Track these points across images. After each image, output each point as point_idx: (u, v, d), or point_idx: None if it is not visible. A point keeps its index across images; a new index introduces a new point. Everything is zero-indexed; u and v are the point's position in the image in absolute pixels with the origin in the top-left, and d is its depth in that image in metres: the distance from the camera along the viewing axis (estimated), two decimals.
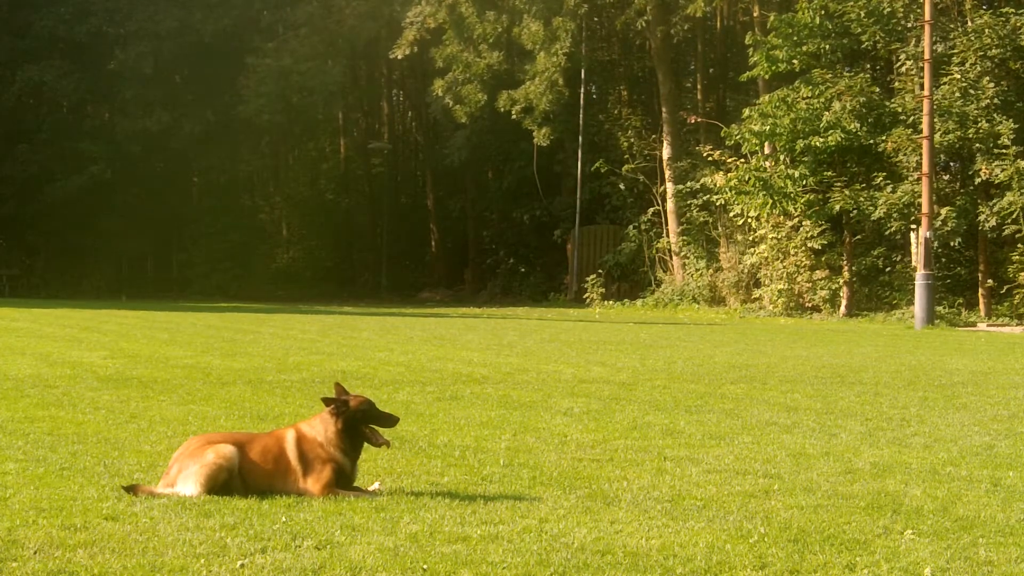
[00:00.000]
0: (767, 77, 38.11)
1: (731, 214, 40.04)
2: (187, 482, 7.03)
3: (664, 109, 45.22)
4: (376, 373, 15.51)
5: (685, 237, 43.54)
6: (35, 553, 5.76)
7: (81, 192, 52.02)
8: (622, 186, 48.13)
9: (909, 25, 35.76)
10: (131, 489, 7.12)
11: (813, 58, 36.92)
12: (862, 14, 35.84)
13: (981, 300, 34.92)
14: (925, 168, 31.96)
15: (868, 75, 37.57)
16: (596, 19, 52.84)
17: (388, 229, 57.59)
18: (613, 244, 48.21)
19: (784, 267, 37.58)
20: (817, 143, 35.22)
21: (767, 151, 37.47)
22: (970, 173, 34.60)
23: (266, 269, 57.91)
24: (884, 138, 34.81)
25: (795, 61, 36.75)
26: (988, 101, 33.59)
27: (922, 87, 33.16)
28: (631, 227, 46.70)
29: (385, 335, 24.08)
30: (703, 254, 42.58)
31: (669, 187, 44.22)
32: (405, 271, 57.80)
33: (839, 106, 35.34)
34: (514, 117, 45.33)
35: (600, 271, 46.22)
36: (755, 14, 42.61)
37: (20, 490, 7.25)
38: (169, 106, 53.25)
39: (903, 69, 36.60)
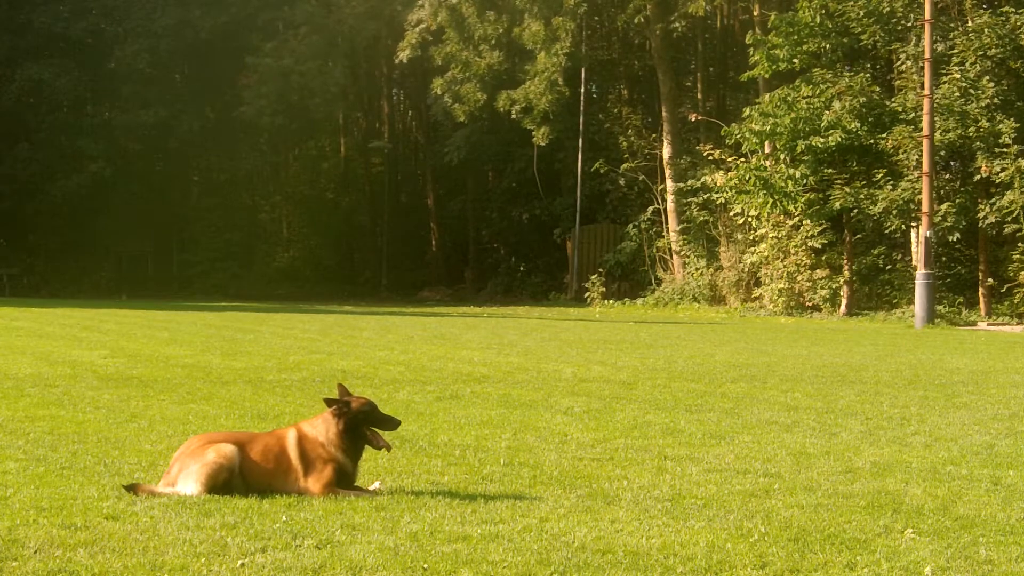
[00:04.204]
0: (767, 76, 38.11)
1: (731, 213, 40.04)
2: (188, 481, 7.03)
3: (664, 108, 45.22)
4: (376, 372, 15.51)
5: (685, 236, 43.54)
6: (35, 552, 5.76)
7: (81, 191, 52.02)
8: (622, 182, 48.09)
9: (909, 24, 35.76)
10: (132, 488, 7.12)
11: (813, 57, 36.93)
12: (862, 13, 35.85)
13: (981, 299, 34.91)
14: (925, 167, 31.96)
15: (868, 74, 37.57)
16: (596, 18, 52.85)
17: (388, 228, 57.58)
18: (613, 243, 48.21)
19: (784, 266, 37.56)
20: (818, 143, 35.23)
21: (767, 150, 37.48)
22: (970, 171, 34.62)
23: (266, 268, 57.87)
24: (885, 136, 34.84)
25: (795, 60, 36.77)
26: (988, 100, 33.60)
27: (922, 86, 33.16)
28: (631, 226, 46.70)
29: (385, 334, 24.08)
30: (703, 253, 42.58)
31: (669, 186, 44.22)
32: (405, 270, 57.79)
33: (839, 105, 35.35)
34: (514, 117, 45.34)
35: (600, 270, 46.21)
36: (755, 13, 42.62)
37: (20, 489, 7.26)
38: (168, 103, 53.28)
39: (903, 68, 36.62)
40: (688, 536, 6.26)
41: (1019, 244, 33.38)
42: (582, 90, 49.08)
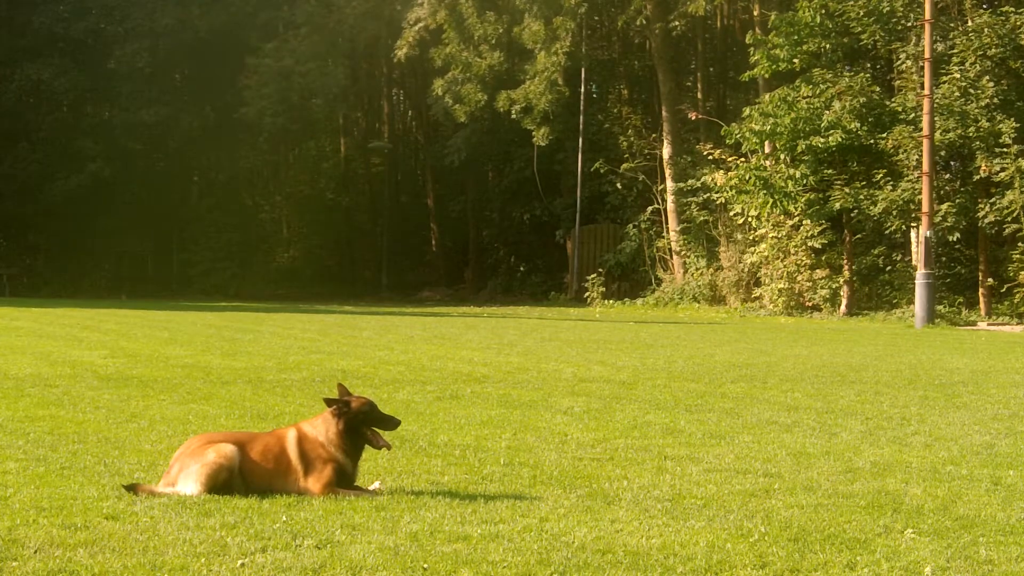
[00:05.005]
0: (767, 76, 38.11)
1: (731, 213, 40.05)
2: (188, 481, 7.03)
3: (664, 108, 45.22)
4: (376, 372, 15.51)
5: (685, 236, 43.54)
6: (35, 552, 5.76)
7: (81, 191, 52.04)
8: (619, 185, 48.10)
9: (909, 24, 35.77)
10: (132, 488, 7.12)
11: (813, 57, 36.93)
12: (862, 13, 35.86)
13: (981, 299, 34.92)
14: (925, 167, 31.97)
15: (868, 74, 37.59)
16: (596, 18, 52.85)
17: (388, 228, 57.61)
18: (613, 243, 48.21)
19: (784, 266, 37.56)
20: (818, 143, 35.23)
21: (767, 150, 37.48)
22: (970, 171, 34.64)
23: (266, 268, 57.89)
24: (885, 136, 34.85)
25: (795, 60, 36.77)
26: (988, 100, 33.61)
27: (922, 86, 33.17)
28: (631, 226, 46.70)
29: (385, 334, 24.08)
30: (703, 253, 42.58)
31: (669, 186, 44.22)
32: (405, 270, 57.82)
33: (839, 106, 35.36)
34: (514, 117, 45.35)
35: (600, 270, 46.23)
36: (755, 13, 42.62)
37: (20, 489, 7.26)
38: (168, 103, 53.32)
39: (903, 68, 36.64)
40: (688, 536, 6.26)
41: (1019, 244, 33.39)
42: (582, 90, 49.08)
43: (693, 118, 44.29)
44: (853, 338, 25.83)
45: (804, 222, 36.95)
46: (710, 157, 40.33)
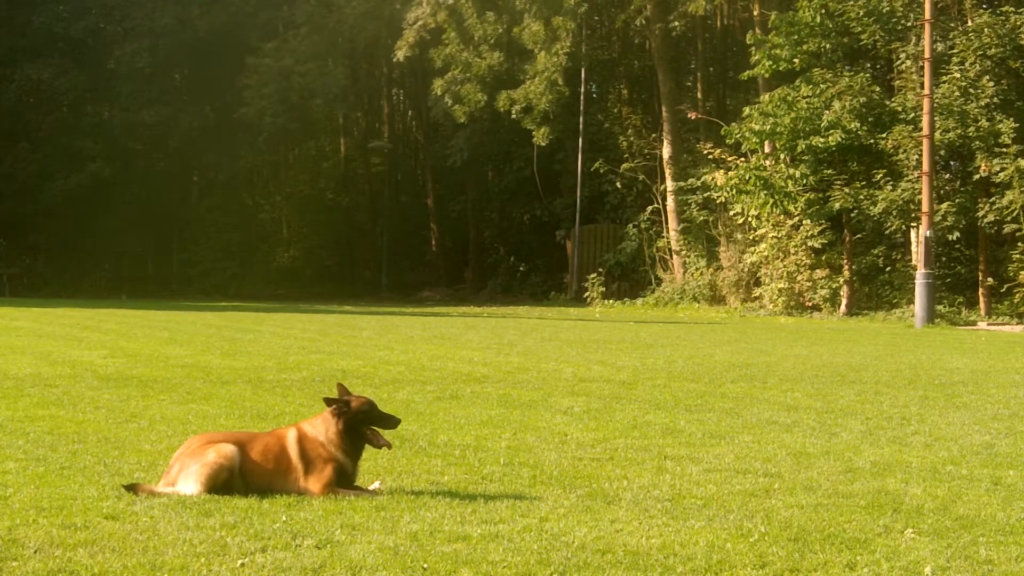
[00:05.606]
0: (767, 76, 38.12)
1: (731, 213, 40.04)
2: (188, 481, 7.03)
3: (664, 108, 45.23)
4: (376, 372, 15.51)
5: (685, 236, 43.55)
6: (35, 552, 5.76)
7: (81, 190, 52.06)
8: (619, 185, 48.11)
9: (909, 24, 35.79)
10: (132, 488, 7.12)
11: (813, 57, 36.95)
12: (862, 13, 35.88)
13: (981, 299, 34.92)
14: (925, 167, 31.97)
15: (868, 74, 37.61)
16: (596, 18, 52.86)
17: (388, 228, 57.62)
18: (613, 243, 48.22)
19: (784, 266, 37.56)
20: (818, 143, 35.24)
21: (767, 150, 37.49)
22: (970, 170, 34.66)
23: (266, 268, 57.90)
24: (884, 136, 34.87)
25: (796, 60, 36.78)
26: (988, 100, 33.63)
27: (922, 86, 33.19)
28: (631, 226, 46.72)
29: (385, 334, 24.08)
30: (703, 253, 42.58)
31: (669, 185, 44.23)
32: (405, 270, 57.83)
33: (839, 105, 35.37)
34: (514, 117, 45.35)
35: (600, 270, 46.24)
36: (755, 13, 42.63)
37: (20, 489, 7.26)
38: (168, 103, 53.35)
39: (903, 68, 36.66)
40: (688, 536, 6.26)
41: (1019, 244, 33.41)
42: (582, 90, 49.08)
43: (693, 118, 44.32)
44: (853, 338, 25.83)
45: (804, 222, 36.95)
46: (710, 157, 40.33)
